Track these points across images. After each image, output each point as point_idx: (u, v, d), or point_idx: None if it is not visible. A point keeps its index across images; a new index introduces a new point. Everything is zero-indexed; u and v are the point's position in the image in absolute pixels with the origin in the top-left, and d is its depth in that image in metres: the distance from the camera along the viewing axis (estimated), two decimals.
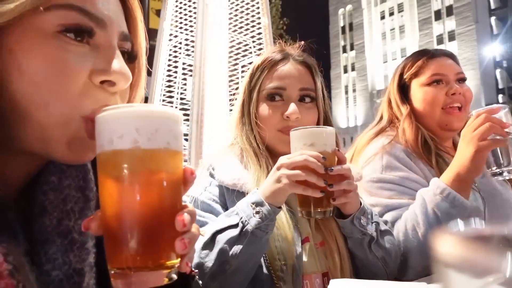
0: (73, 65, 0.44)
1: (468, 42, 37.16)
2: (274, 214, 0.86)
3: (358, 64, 47.49)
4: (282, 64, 1.05)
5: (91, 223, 0.43)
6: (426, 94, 1.32)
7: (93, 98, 0.46)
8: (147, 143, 0.41)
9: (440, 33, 40.02)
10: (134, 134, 0.41)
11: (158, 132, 0.42)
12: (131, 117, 0.42)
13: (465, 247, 0.18)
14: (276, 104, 1.02)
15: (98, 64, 0.47)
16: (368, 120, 42.17)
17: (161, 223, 0.42)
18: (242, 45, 2.61)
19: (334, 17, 50.98)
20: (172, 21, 2.66)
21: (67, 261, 0.47)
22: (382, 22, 45.02)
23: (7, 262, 0.40)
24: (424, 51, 1.42)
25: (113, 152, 0.41)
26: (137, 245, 0.41)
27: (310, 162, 0.81)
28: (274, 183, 0.85)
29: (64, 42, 0.44)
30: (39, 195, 0.48)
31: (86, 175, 0.53)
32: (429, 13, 40.82)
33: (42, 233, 0.47)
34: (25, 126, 0.44)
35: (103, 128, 0.42)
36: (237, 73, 2.59)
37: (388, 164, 1.24)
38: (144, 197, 0.41)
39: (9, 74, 0.43)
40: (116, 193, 0.42)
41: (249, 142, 1.04)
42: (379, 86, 44.17)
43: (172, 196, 0.44)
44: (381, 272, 0.98)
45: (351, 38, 48.73)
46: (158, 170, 0.42)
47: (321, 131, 0.88)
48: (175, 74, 2.61)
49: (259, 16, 2.61)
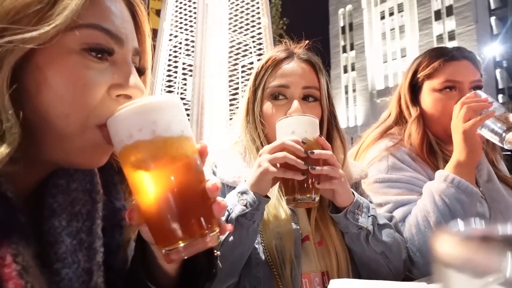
0: (93, 80, 0.48)
1: (468, 42, 37.14)
2: (260, 202, 0.86)
3: (358, 64, 47.49)
4: (286, 62, 1.04)
5: (132, 214, 0.48)
6: (437, 101, 1.27)
7: (108, 110, 0.49)
8: (164, 133, 0.46)
9: (440, 33, 40.02)
10: (152, 126, 0.45)
11: (173, 123, 0.47)
12: (146, 111, 0.46)
13: (465, 247, 0.18)
14: (280, 103, 1.02)
15: (116, 79, 0.50)
16: (368, 120, 42.17)
17: (195, 197, 0.47)
18: (242, 45, 2.61)
19: (334, 17, 50.98)
20: (172, 21, 2.66)
21: (76, 260, 0.49)
22: (382, 22, 45.01)
23: (16, 263, 0.42)
24: (444, 51, 1.33)
25: (136, 142, 0.45)
26: (180, 222, 0.45)
27: (287, 145, 0.83)
28: (256, 169, 0.86)
29: (87, 59, 0.48)
30: (48, 198, 0.51)
31: (92, 178, 0.55)
32: (429, 13, 40.82)
33: (51, 234, 0.49)
34: (47, 136, 0.47)
35: (120, 126, 0.46)
36: (237, 73, 2.59)
37: (393, 165, 1.24)
38: (174, 179, 0.46)
39: (36, 87, 0.46)
40: (148, 180, 0.46)
41: (252, 140, 1.04)
42: (379, 86, 44.18)
43: (196, 172, 0.48)
44: (384, 269, 0.96)
45: (351, 38, 48.73)
46: (179, 154, 0.47)
47: (301, 119, 0.89)
48: (175, 74, 2.61)
49: (259, 16, 2.61)
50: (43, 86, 0.45)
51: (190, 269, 0.58)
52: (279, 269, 0.90)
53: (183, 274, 0.58)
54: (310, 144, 0.85)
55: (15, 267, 0.41)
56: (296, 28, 1.38)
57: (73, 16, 0.45)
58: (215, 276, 0.58)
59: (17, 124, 0.42)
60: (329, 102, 1.06)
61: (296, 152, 0.82)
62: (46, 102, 0.46)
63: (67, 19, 0.45)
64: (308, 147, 0.84)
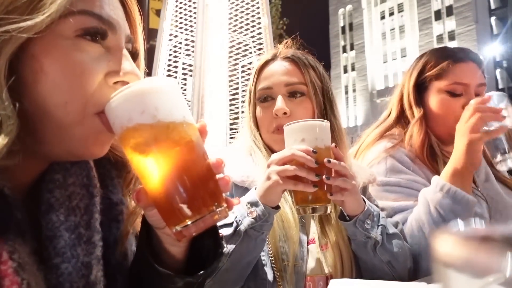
0: (90, 66, 0.48)
1: (468, 42, 37.13)
2: (269, 214, 0.84)
3: (358, 64, 47.47)
4: (270, 64, 1.06)
5: (140, 196, 0.48)
6: (443, 103, 1.26)
7: (106, 97, 0.48)
8: (165, 118, 0.45)
9: (440, 33, 40.01)
10: (153, 110, 0.45)
11: (175, 108, 0.47)
12: (147, 93, 0.45)
13: (465, 247, 0.18)
14: (267, 105, 1.03)
15: (112, 66, 0.50)
16: (368, 120, 42.12)
17: (200, 175, 0.47)
18: (242, 45, 2.61)
19: (334, 17, 50.97)
20: (172, 21, 2.66)
21: (75, 254, 0.49)
22: (382, 22, 45.00)
23: (12, 260, 0.42)
24: (450, 52, 1.32)
25: (138, 125, 0.45)
26: (188, 201, 0.46)
27: (297, 156, 0.79)
28: (265, 181, 0.83)
29: (82, 44, 0.48)
30: (45, 193, 0.50)
31: (89, 172, 0.55)
32: (429, 13, 40.81)
33: (50, 229, 0.49)
34: (47, 127, 0.47)
35: (121, 109, 0.46)
36: (237, 73, 2.59)
37: (392, 167, 1.22)
38: (178, 160, 0.46)
39: (33, 77, 0.46)
40: (153, 163, 0.46)
41: (254, 142, 1.05)
42: (379, 86, 44.17)
43: (199, 152, 0.48)
44: (388, 278, 0.95)
45: (351, 38, 48.72)
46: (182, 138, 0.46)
47: (311, 125, 0.84)
48: (175, 74, 2.61)
49: (259, 16, 2.61)
50: (40, 75, 0.45)
51: (197, 251, 0.58)
52: (283, 271, 0.89)
53: (190, 257, 0.58)
54: (321, 152, 0.81)
55: (11, 264, 0.41)
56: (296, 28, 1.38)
57: (66, 4, 0.46)
58: (221, 255, 0.59)
59: (14, 115, 0.42)
60: (323, 96, 1.04)
61: (307, 163, 0.79)
62: (44, 92, 0.46)
63: (60, 7, 0.45)
64: (319, 156, 0.80)
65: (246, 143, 1.07)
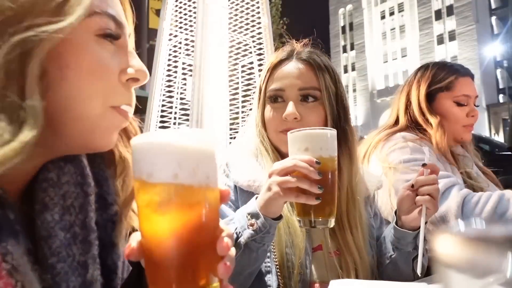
0: (109, 62, 0.51)
1: (469, 42, 37.13)
2: (271, 226, 0.81)
3: (358, 64, 47.46)
4: (284, 64, 1.02)
5: (132, 252, 0.45)
6: (453, 111, 1.41)
7: (120, 93, 0.53)
8: (188, 178, 0.42)
9: (441, 33, 39.99)
10: (175, 168, 0.42)
11: (199, 167, 0.43)
12: (172, 151, 0.42)
13: (466, 247, 0.18)
14: (278, 106, 1.00)
15: (123, 64, 0.54)
16: (368, 120, 42.17)
17: (201, 251, 0.43)
18: (242, 45, 2.60)
19: (334, 16, 50.95)
20: (172, 20, 2.65)
21: (71, 253, 0.50)
22: (383, 21, 44.99)
23: (5, 262, 0.41)
24: (453, 67, 1.47)
25: (152, 184, 0.42)
26: (178, 272, 0.42)
27: (300, 167, 0.75)
28: (266, 192, 0.80)
29: (102, 42, 0.51)
30: (39, 192, 0.50)
31: (83, 171, 0.55)
32: (429, 12, 40.79)
33: (45, 229, 0.49)
34: (68, 120, 0.49)
35: (142, 158, 0.43)
36: (237, 73, 2.59)
37: (415, 148, 1.31)
38: (184, 229, 0.42)
39: (60, 73, 0.48)
40: (157, 223, 0.43)
41: (261, 142, 1.03)
42: (379, 86, 44.14)
43: (211, 225, 0.45)
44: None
45: (351, 38, 48.70)
46: (198, 204, 0.43)
47: (316, 134, 0.80)
48: (175, 74, 2.61)
49: (259, 16, 2.61)
50: (65, 70, 0.48)
51: None
52: (287, 279, 0.88)
53: None
54: (325, 163, 0.77)
55: (5, 266, 0.41)
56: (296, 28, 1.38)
57: (89, 5, 0.49)
58: None
59: (41, 110, 0.44)
60: (337, 102, 1.00)
61: (310, 175, 0.75)
62: (69, 87, 0.48)
63: (86, 8, 0.48)
64: (323, 166, 0.77)
65: (252, 143, 1.04)
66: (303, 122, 0.96)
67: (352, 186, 0.98)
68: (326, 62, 1.03)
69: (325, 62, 1.02)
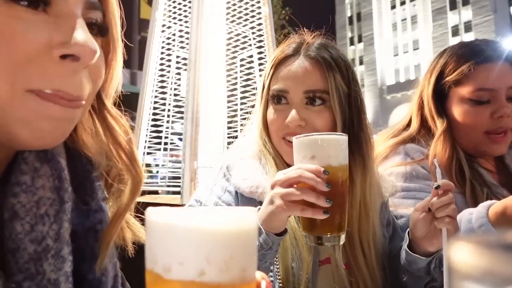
0: (22, 33, 0.42)
1: (486, 33, 37.12)
2: (273, 243, 0.79)
3: (366, 58, 47.48)
4: (290, 62, 0.98)
5: None
6: (467, 114, 1.15)
7: (51, 73, 0.44)
8: (218, 275, 0.35)
9: (456, 24, 40.01)
10: (202, 263, 0.34)
11: (233, 259, 0.35)
12: (201, 240, 0.35)
13: (484, 255, 0.18)
14: (281, 108, 0.98)
15: (57, 35, 0.44)
16: (378, 118, 42.18)
17: None
18: (240, 37, 2.60)
19: (341, 6, 50.97)
20: (165, 10, 2.65)
21: (41, 270, 0.46)
22: (393, 11, 45.01)
23: None
24: (474, 49, 1.19)
25: (169, 281, 0.35)
26: None
27: (305, 178, 0.72)
28: (268, 205, 0.77)
29: (15, 10, 0.42)
30: (9, 198, 0.46)
31: (60, 173, 0.51)
32: (443, 2, 40.81)
33: (12, 240, 0.45)
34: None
35: (158, 243, 0.36)
36: (236, 67, 2.59)
37: (412, 173, 1.16)
38: None
39: None
40: None
41: (264, 144, 1.01)
42: (389, 81, 44.19)
43: None
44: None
45: (359, 29, 48.72)
46: None
47: (324, 140, 0.77)
48: (168, 69, 2.61)
49: (259, 6, 2.61)
50: None
51: None
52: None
53: None
54: (334, 173, 0.74)
55: None
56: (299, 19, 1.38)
57: None
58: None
59: None
60: (349, 105, 0.96)
61: (317, 187, 0.72)
62: None
63: None
64: (332, 177, 0.73)
65: (254, 146, 1.02)
66: (308, 128, 0.94)
67: (366, 200, 0.95)
68: (338, 58, 0.98)
69: (336, 58, 0.98)
